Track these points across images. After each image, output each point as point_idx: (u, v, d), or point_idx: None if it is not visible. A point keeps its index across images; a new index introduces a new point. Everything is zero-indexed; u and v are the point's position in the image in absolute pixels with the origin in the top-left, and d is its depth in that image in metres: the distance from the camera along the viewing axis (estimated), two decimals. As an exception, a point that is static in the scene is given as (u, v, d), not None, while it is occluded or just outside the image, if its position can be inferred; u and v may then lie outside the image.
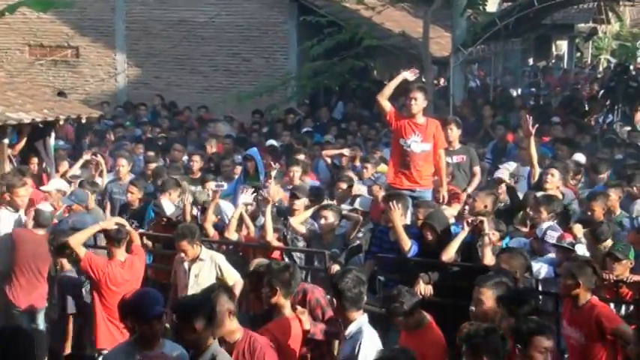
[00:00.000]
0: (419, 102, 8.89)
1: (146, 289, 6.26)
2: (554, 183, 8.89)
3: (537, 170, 9.15)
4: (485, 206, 8.14)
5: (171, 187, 9.44)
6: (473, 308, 5.89)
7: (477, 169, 9.80)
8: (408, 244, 7.58)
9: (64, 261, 8.43)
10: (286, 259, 8.04)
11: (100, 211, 9.92)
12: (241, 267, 7.90)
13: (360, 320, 5.57)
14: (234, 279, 7.59)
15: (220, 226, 8.81)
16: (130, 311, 5.35)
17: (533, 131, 9.18)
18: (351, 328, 5.54)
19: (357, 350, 5.40)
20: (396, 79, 9.05)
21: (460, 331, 5.24)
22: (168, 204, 9.09)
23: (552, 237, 7.47)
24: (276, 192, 9.36)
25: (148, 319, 5.21)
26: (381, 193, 9.15)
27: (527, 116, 9.47)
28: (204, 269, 7.62)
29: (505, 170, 9.82)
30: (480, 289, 5.89)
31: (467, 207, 8.51)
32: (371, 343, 5.46)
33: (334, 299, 5.73)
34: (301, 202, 9.03)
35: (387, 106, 8.98)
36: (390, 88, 9.01)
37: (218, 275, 7.59)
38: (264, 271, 6.14)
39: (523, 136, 9.31)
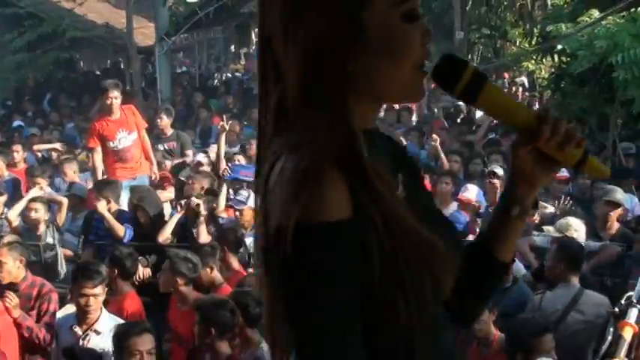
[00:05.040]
0: (119, 99, 9.05)
1: None
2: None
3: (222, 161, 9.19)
4: (202, 187, 8.28)
5: None
6: None
7: (189, 152, 10.19)
8: (121, 231, 7.58)
9: None
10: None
11: None
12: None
13: None
14: None
15: None
16: None
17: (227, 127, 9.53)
18: None
19: None
20: None
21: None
22: None
23: (242, 195, 7.82)
24: None
25: None
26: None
27: (222, 121, 9.66)
28: None
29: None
30: None
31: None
32: None
33: None
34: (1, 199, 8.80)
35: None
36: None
37: None
38: None
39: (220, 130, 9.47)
